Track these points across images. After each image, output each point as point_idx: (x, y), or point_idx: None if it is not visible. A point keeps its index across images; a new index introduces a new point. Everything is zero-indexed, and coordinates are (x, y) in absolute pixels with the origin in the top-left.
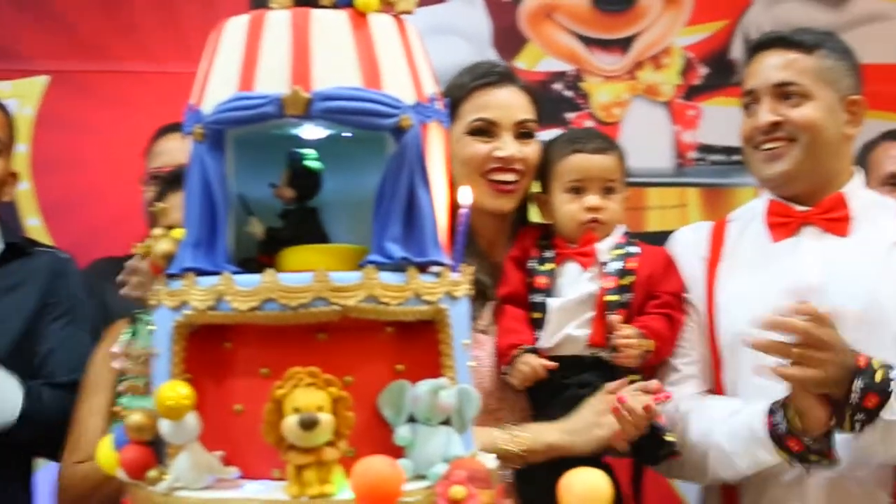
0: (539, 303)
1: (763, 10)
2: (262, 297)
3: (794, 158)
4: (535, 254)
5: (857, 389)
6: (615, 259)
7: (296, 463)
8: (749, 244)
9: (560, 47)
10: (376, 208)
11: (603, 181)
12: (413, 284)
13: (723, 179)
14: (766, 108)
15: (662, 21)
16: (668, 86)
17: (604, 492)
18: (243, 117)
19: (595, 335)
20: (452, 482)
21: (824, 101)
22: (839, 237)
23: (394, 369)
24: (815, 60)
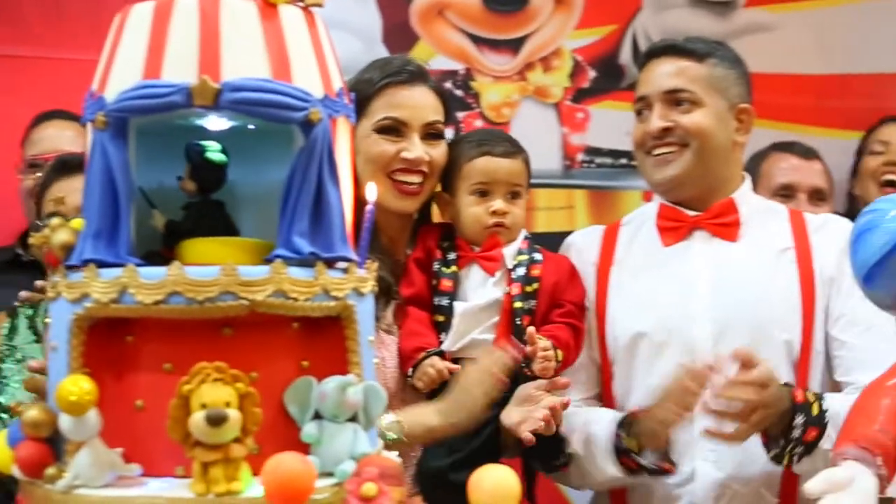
0: (443, 306)
1: (651, 16)
2: (167, 291)
3: (684, 163)
4: (439, 255)
5: (799, 426)
6: (520, 265)
7: (202, 460)
8: (640, 248)
9: (451, 46)
10: (283, 202)
11: (509, 185)
12: (321, 280)
13: (609, 182)
14: (657, 114)
15: (553, 23)
16: (558, 88)
17: (513, 488)
18: (149, 106)
19: (500, 341)
20: (364, 479)
21: (714, 108)
22: (728, 242)
23: (299, 365)
24: (706, 69)
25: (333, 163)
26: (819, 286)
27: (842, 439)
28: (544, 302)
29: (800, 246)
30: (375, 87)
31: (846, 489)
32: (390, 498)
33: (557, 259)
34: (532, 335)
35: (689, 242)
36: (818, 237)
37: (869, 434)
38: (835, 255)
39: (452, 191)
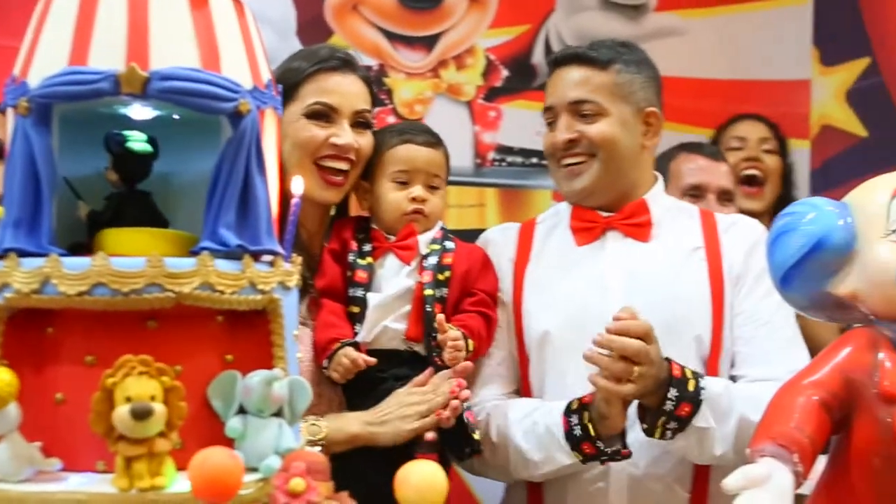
0: (358, 297)
1: (564, 18)
2: (91, 282)
3: (593, 174)
4: (354, 247)
5: (672, 399)
6: (432, 254)
7: (125, 454)
8: (555, 247)
9: (365, 41)
10: (210, 194)
11: (429, 175)
12: (248, 273)
13: (520, 181)
14: (563, 126)
15: (467, 22)
16: (471, 86)
17: (440, 484)
18: (75, 92)
19: (411, 329)
20: (292, 475)
21: (619, 116)
22: (641, 242)
23: (223, 359)
24: (609, 76)
25: (261, 155)
26: (728, 284)
27: (759, 436)
28: (456, 290)
29: (710, 245)
30: (305, 73)
31: (763, 485)
32: (318, 493)
33: (470, 248)
34: (441, 323)
35: (602, 242)
36: (727, 237)
37: (786, 432)
38: (742, 254)
39: (372, 179)
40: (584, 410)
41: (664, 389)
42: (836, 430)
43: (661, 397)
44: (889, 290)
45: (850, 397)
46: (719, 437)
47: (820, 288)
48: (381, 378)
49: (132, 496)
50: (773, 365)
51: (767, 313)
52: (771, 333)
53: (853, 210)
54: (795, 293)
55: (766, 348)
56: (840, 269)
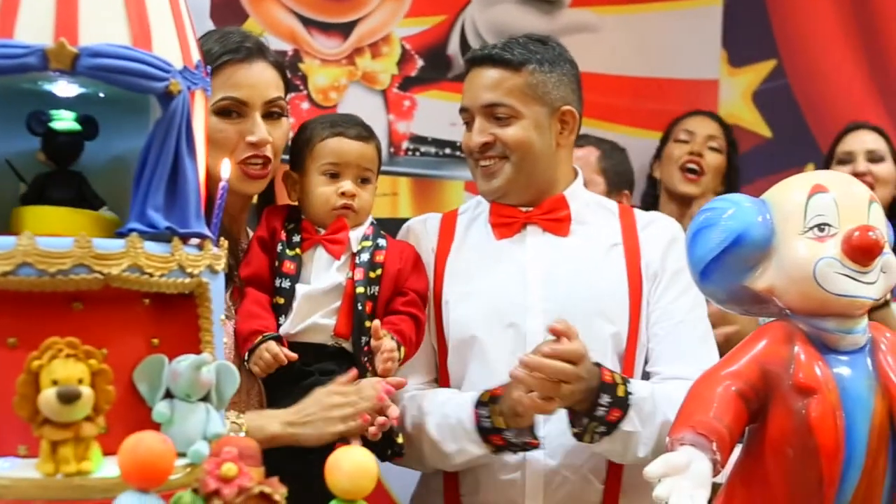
0: (284, 288)
1: (480, 10)
2: (17, 261)
3: (507, 175)
4: (283, 237)
5: (604, 405)
6: (364, 250)
7: (51, 439)
8: (475, 239)
9: (280, 26)
10: (138, 175)
11: (360, 169)
12: (177, 256)
13: (433, 171)
14: (477, 129)
15: (383, 10)
16: (386, 75)
17: (371, 469)
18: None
19: (340, 326)
20: (223, 460)
21: (533, 118)
22: (560, 237)
23: (150, 343)
24: (522, 78)
25: (191, 136)
26: (645, 281)
27: (679, 425)
28: (387, 288)
29: (628, 242)
30: (214, 65)
31: (683, 473)
32: (250, 478)
33: (402, 246)
34: (377, 330)
35: (522, 236)
36: (645, 234)
37: (705, 421)
38: (659, 251)
39: (302, 170)
40: (494, 403)
41: (595, 395)
42: (751, 421)
43: (592, 403)
44: (805, 285)
45: (767, 388)
46: (643, 439)
47: (738, 282)
48: (306, 372)
49: (58, 481)
50: (685, 363)
51: (682, 312)
52: (684, 332)
53: (771, 207)
54: (714, 287)
55: (680, 346)
56: (758, 265)
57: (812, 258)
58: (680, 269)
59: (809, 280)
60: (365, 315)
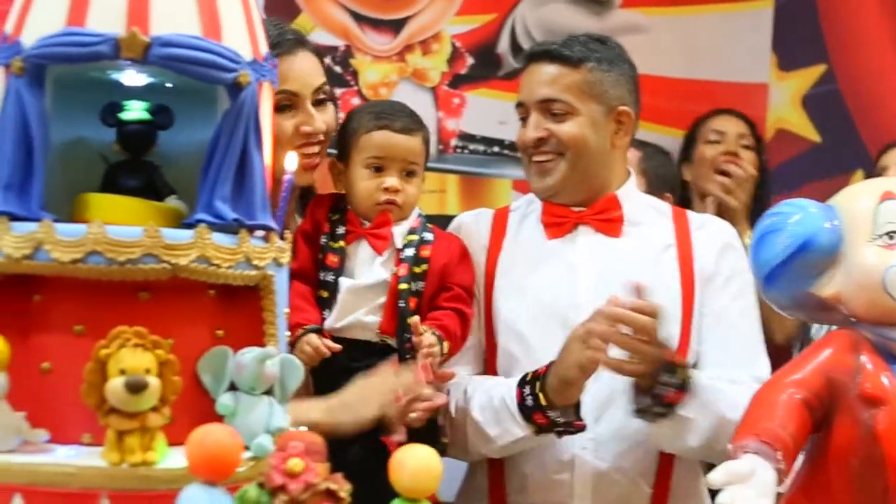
0: (328, 281)
1: (530, 9)
2: (86, 249)
3: (561, 173)
4: (327, 229)
5: (666, 384)
6: (409, 245)
7: (117, 428)
8: (527, 237)
9: (332, 21)
10: (206, 165)
11: (405, 163)
12: (244, 248)
13: (481, 169)
14: (532, 124)
15: (434, 7)
16: (436, 72)
17: (435, 468)
18: (73, 54)
19: (385, 323)
20: (290, 454)
21: (589, 116)
22: (612, 237)
23: (214, 334)
24: (580, 75)
25: (259, 128)
26: (698, 284)
27: (742, 432)
28: (433, 284)
29: (681, 244)
30: None
31: (747, 481)
32: (317, 474)
33: (449, 239)
34: (416, 326)
35: (574, 236)
36: (699, 236)
37: (769, 429)
38: (713, 254)
39: (347, 161)
40: (537, 381)
41: (658, 373)
42: (815, 430)
43: (654, 380)
44: (874, 293)
45: (831, 398)
46: (697, 428)
47: (803, 288)
48: (353, 368)
49: (123, 471)
50: (734, 368)
51: (734, 316)
52: (735, 337)
53: (839, 213)
54: (778, 292)
55: (729, 351)
56: (824, 271)
57: (881, 265)
58: (734, 273)
59: (878, 288)
60: (408, 312)
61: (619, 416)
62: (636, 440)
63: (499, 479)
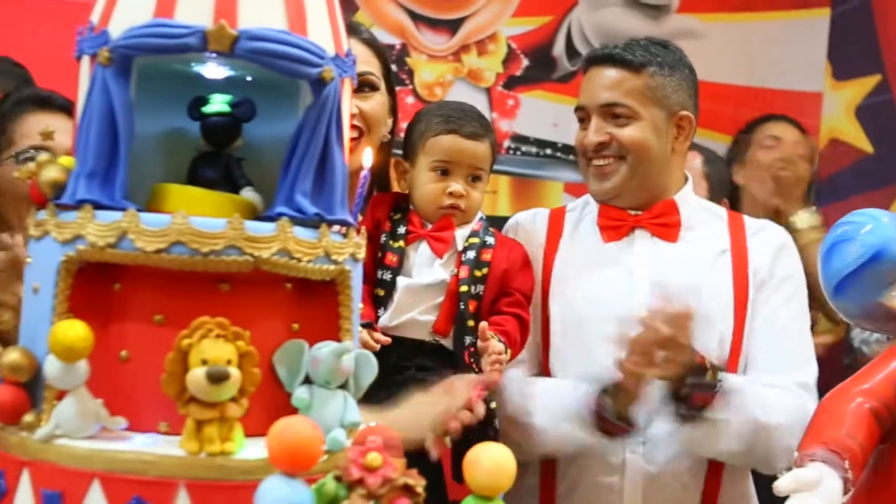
0: (385, 280)
1: (587, 12)
2: (171, 240)
3: (621, 176)
4: (388, 228)
5: (689, 386)
6: (471, 248)
7: (197, 417)
8: (582, 241)
9: (389, 20)
10: (288, 159)
11: (472, 168)
12: (324, 242)
13: (533, 171)
14: (593, 128)
15: (491, 8)
16: (491, 73)
17: (510, 467)
18: (161, 46)
19: (440, 323)
20: (368, 449)
21: (651, 120)
22: (668, 242)
23: (290, 328)
24: (642, 80)
25: (340, 124)
26: (752, 288)
27: (809, 440)
28: (493, 288)
29: (736, 248)
30: None
31: (814, 489)
32: (395, 469)
33: (511, 245)
34: (484, 332)
35: (630, 240)
36: (755, 240)
37: (837, 437)
38: (768, 258)
39: (412, 161)
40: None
41: (685, 376)
42: (882, 440)
43: (681, 383)
44: None
45: None
46: (728, 432)
47: (873, 298)
48: (403, 367)
49: (201, 460)
50: (779, 373)
51: (784, 320)
52: (783, 341)
53: None
54: (847, 301)
55: (776, 355)
56: (894, 282)
57: None
58: (787, 277)
59: None
60: (467, 314)
61: (671, 423)
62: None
63: (549, 481)
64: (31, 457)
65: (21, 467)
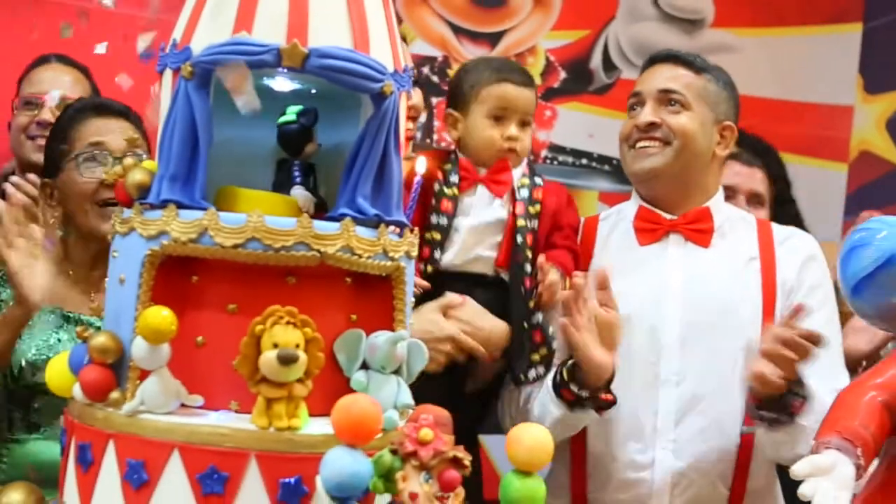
0: (441, 225)
1: (623, 26)
2: (247, 236)
3: (664, 158)
4: (439, 177)
5: (795, 394)
6: (523, 188)
7: (267, 396)
8: (616, 246)
9: (431, 33)
10: (349, 165)
11: (524, 114)
12: (383, 241)
13: (569, 181)
14: (648, 110)
15: (531, 21)
16: None
17: (549, 445)
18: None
19: (502, 257)
20: (422, 425)
21: (700, 115)
22: (701, 248)
23: (349, 318)
24: (700, 81)
25: (398, 134)
26: (780, 296)
27: (825, 429)
28: (546, 224)
29: (765, 256)
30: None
31: (829, 474)
32: (445, 443)
33: (556, 186)
34: (543, 265)
35: (665, 244)
36: (783, 249)
37: (851, 427)
38: (796, 266)
39: (464, 111)
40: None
41: (793, 385)
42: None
43: (789, 392)
44: None
45: None
46: (809, 436)
47: (888, 300)
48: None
49: (271, 434)
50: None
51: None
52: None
53: None
54: (865, 303)
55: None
56: None
57: None
58: (816, 286)
59: None
60: (526, 246)
61: (700, 420)
62: (714, 444)
63: (580, 477)
64: (116, 430)
65: (107, 440)
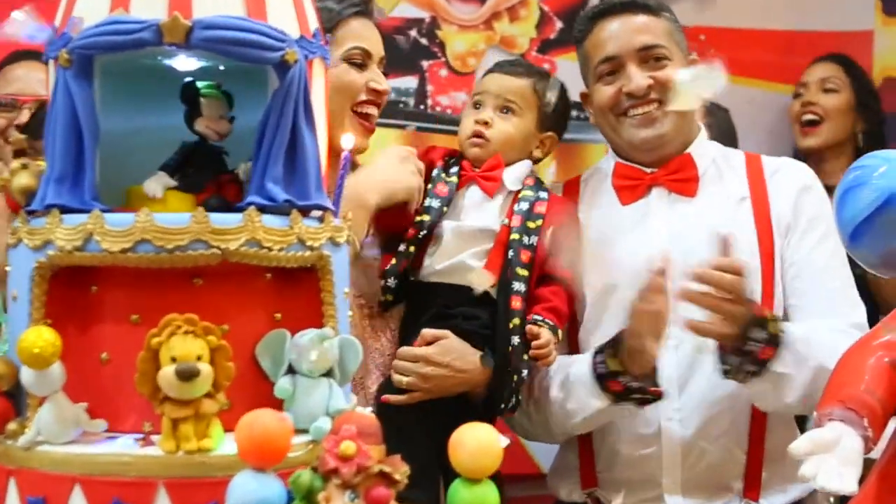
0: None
1: None
2: (135, 238)
3: (672, 121)
4: (440, 165)
5: (756, 340)
6: (524, 199)
7: (171, 416)
8: (599, 207)
9: None
10: (256, 147)
11: (502, 99)
12: (296, 229)
13: (575, 135)
14: (637, 74)
15: None
16: (524, 38)
17: (495, 448)
18: (117, 43)
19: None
20: (342, 437)
21: (680, 61)
22: (687, 198)
23: (272, 318)
24: (664, 23)
25: (309, 106)
26: (777, 235)
27: (827, 399)
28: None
29: (756, 194)
30: (341, 17)
31: (832, 450)
32: (369, 457)
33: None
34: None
35: (647, 201)
36: (774, 183)
37: (855, 394)
38: (791, 200)
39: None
40: (608, 348)
41: (746, 330)
42: None
43: (743, 338)
44: None
45: None
46: (795, 383)
47: (891, 245)
48: (449, 314)
49: (178, 458)
50: (831, 317)
51: (822, 260)
52: (826, 284)
53: None
54: (865, 250)
55: (822, 300)
56: None
57: None
58: (815, 217)
59: None
60: (518, 262)
61: (704, 384)
62: (724, 406)
63: (589, 457)
64: (15, 465)
65: (8, 476)
